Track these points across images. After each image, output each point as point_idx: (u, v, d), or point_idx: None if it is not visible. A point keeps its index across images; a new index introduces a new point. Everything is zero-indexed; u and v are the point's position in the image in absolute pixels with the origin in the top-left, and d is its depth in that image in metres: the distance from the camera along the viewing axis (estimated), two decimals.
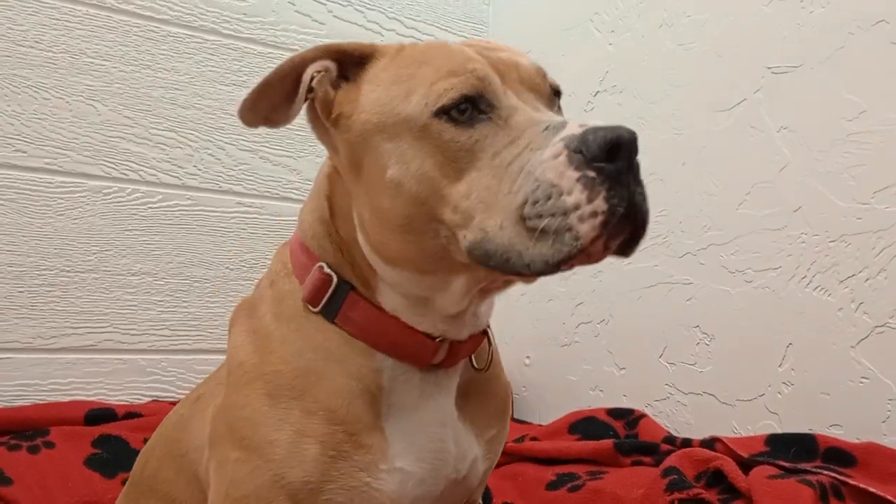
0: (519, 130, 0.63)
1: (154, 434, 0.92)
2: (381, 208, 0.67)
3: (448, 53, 0.68)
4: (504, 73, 0.68)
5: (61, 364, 1.45)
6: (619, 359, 1.58)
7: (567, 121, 0.63)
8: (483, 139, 0.64)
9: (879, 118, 1.20)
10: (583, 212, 0.58)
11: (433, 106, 0.64)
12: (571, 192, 0.58)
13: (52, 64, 1.47)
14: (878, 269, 1.19)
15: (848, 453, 1.09)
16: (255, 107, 0.72)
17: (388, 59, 0.71)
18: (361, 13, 1.81)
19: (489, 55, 0.69)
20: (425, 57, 0.68)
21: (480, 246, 0.62)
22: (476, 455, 0.76)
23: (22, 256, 1.43)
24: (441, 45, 0.70)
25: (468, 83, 0.64)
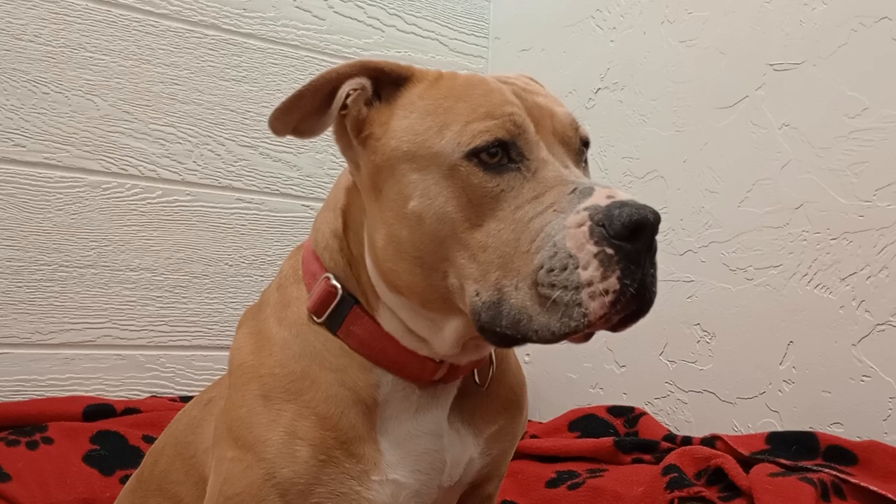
0: (546, 187, 0.63)
1: (164, 434, 0.93)
2: (398, 236, 0.66)
3: (487, 91, 0.67)
4: (538, 121, 0.67)
5: (60, 359, 1.44)
6: (619, 356, 1.57)
7: (595, 186, 0.62)
8: (509, 189, 0.63)
9: (881, 115, 1.19)
10: (595, 289, 0.59)
11: (465, 146, 0.63)
12: (588, 266, 0.59)
13: (51, 58, 1.46)
14: (880, 267, 1.19)
15: (849, 451, 1.09)
16: (285, 117, 0.71)
17: (425, 85, 0.70)
18: (362, 9, 1.80)
19: (526, 98, 0.68)
20: (464, 91, 0.67)
21: (494, 307, 0.62)
22: (470, 456, 0.76)
23: (20, 251, 1.42)
24: (481, 81, 0.69)
25: (504, 128, 0.64)
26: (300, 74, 1.71)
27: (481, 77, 0.70)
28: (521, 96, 0.68)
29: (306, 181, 1.71)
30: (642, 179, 1.55)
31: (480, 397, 0.77)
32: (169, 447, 0.87)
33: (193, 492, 0.80)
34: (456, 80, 0.70)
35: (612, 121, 1.64)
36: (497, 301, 0.61)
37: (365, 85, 0.70)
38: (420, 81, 0.71)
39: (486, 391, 0.78)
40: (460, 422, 0.75)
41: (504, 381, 0.80)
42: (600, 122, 1.66)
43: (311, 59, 1.73)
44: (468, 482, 0.78)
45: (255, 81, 1.66)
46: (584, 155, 0.72)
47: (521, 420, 0.82)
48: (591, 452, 1.27)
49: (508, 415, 0.80)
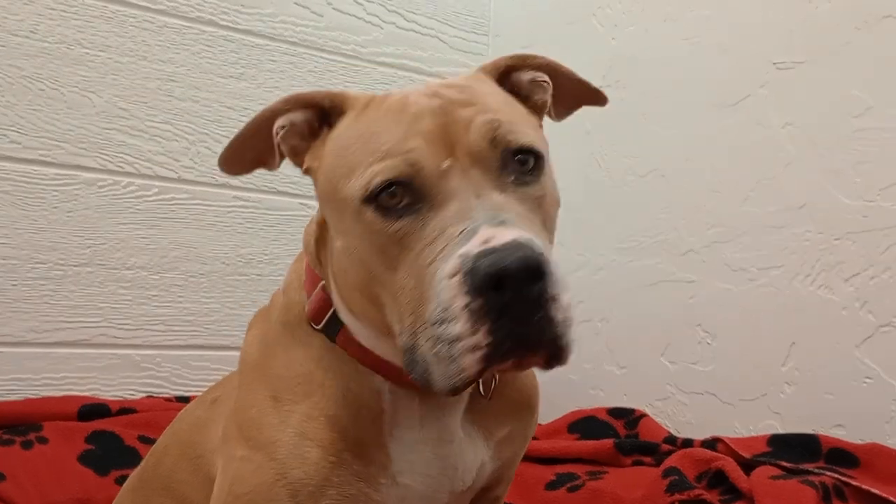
0: (444, 226, 0.59)
1: (165, 433, 0.93)
2: (342, 267, 0.68)
3: (397, 122, 0.64)
4: (455, 141, 0.62)
5: (55, 359, 1.43)
6: (619, 358, 1.57)
7: (481, 226, 0.57)
8: (412, 232, 0.61)
9: (886, 114, 1.19)
10: (465, 344, 0.56)
11: (364, 191, 0.62)
12: (458, 319, 0.56)
13: (46, 54, 1.45)
14: (884, 268, 1.18)
15: (851, 454, 1.09)
16: (233, 159, 0.73)
17: (352, 117, 0.69)
18: (361, 6, 1.79)
19: (449, 114, 0.63)
20: (379, 124, 0.65)
21: (410, 351, 0.60)
22: (483, 460, 0.75)
23: (15, 249, 1.41)
24: (400, 108, 0.65)
25: (397, 168, 0.61)
26: (298, 71, 1.70)
27: (406, 101, 0.66)
28: (442, 114, 0.63)
29: (304, 179, 1.70)
30: (644, 178, 1.54)
31: (491, 401, 0.76)
32: (173, 447, 0.87)
33: (200, 491, 0.80)
34: (380, 108, 0.67)
35: (613, 119, 1.63)
36: (412, 346, 0.60)
37: (295, 120, 0.71)
38: (352, 109, 0.70)
39: (497, 395, 0.77)
40: (471, 425, 0.75)
41: (514, 384, 0.79)
42: (602, 121, 1.65)
43: (309, 56, 1.72)
44: (480, 486, 0.78)
45: (253, 78, 1.65)
46: (522, 165, 0.64)
47: (531, 423, 0.82)
48: (591, 454, 1.26)
49: (519, 417, 0.79)
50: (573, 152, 1.70)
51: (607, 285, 1.60)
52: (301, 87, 1.70)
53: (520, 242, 0.55)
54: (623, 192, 1.58)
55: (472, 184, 0.61)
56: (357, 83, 1.77)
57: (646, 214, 1.53)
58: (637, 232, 1.54)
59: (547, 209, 0.66)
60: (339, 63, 1.76)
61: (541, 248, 0.56)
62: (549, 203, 0.66)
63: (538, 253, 0.55)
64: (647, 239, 1.52)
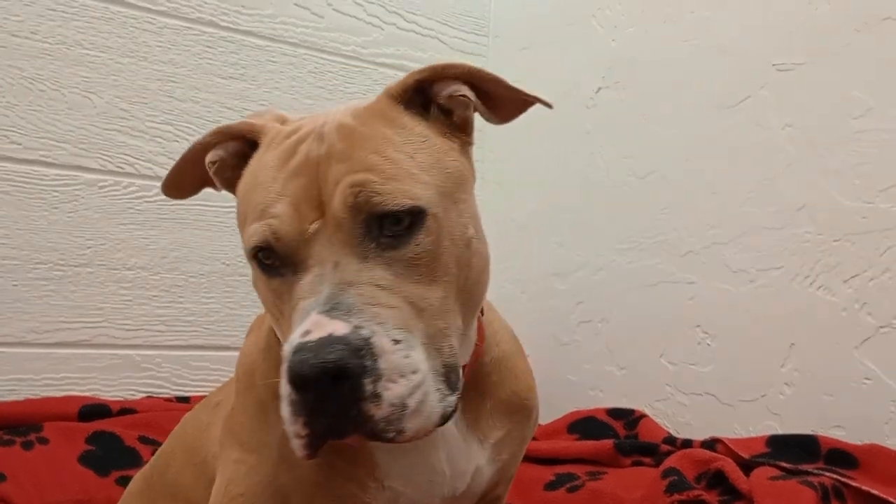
0: (299, 297, 0.60)
1: (171, 437, 0.93)
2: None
3: (273, 178, 0.63)
4: (326, 203, 0.61)
5: (55, 359, 1.43)
6: (619, 358, 1.57)
7: (310, 313, 0.57)
8: (283, 293, 0.63)
9: (885, 116, 1.19)
10: (290, 429, 0.58)
11: (246, 248, 0.64)
12: (285, 405, 0.58)
13: (47, 55, 1.45)
14: (883, 269, 1.18)
15: (850, 455, 1.09)
16: (177, 185, 0.76)
17: (259, 154, 0.69)
18: (361, 6, 1.79)
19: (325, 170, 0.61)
20: (263, 174, 0.65)
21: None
22: (479, 464, 0.75)
23: (16, 250, 1.41)
24: (288, 153, 0.64)
25: (263, 235, 0.61)
26: (298, 72, 1.70)
27: (294, 148, 0.64)
28: (316, 170, 0.62)
29: None
30: (644, 179, 1.54)
31: (484, 404, 0.76)
32: (179, 452, 0.88)
33: (204, 495, 0.80)
34: (273, 151, 0.66)
35: (613, 120, 1.63)
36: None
37: (224, 155, 0.72)
38: (261, 145, 0.69)
39: (489, 398, 0.77)
40: (465, 429, 0.75)
41: (508, 386, 0.79)
42: (601, 122, 1.65)
43: (309, 57, 1.72)
44: (480, 491, 0.78)
45: (253, 79, 1.65)
46: (395, 225, 0.61)
47: (529, 424, 0.82)
48: (591, 455, 1.27)
49: (515, 419, 0.79)
50: (573, 152, 1.70)
51: (607, 286, 1.60)
52: (301, 87, 1.71)
53: (331, 340, 0.55)
54: (623, 192, 1.58)
55: (335, 250, 0.60)
56: (357, 84, 1.78)
57: (645, 215, 1.53)
58: (637, 232, 1.55)
59: (431, 264, 0.62)
60: (340, 64, 1.76)
61: (360, 343, 0.55)
62: (437, 256, 0.62)
63: (349, 352, 0.55)
64: (646, 240, 1.53)
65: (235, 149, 0.72)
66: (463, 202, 0.66)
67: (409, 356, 0.58)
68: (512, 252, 1.82)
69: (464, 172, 0.68)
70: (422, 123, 0.67)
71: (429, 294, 0.61)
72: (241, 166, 0.70)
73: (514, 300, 1.79)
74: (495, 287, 2.08)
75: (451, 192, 0.65)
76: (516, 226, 1.81)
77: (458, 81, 0.68)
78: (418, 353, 0.59)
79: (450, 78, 0.68)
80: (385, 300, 0.59)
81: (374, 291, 0.59)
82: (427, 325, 0.61)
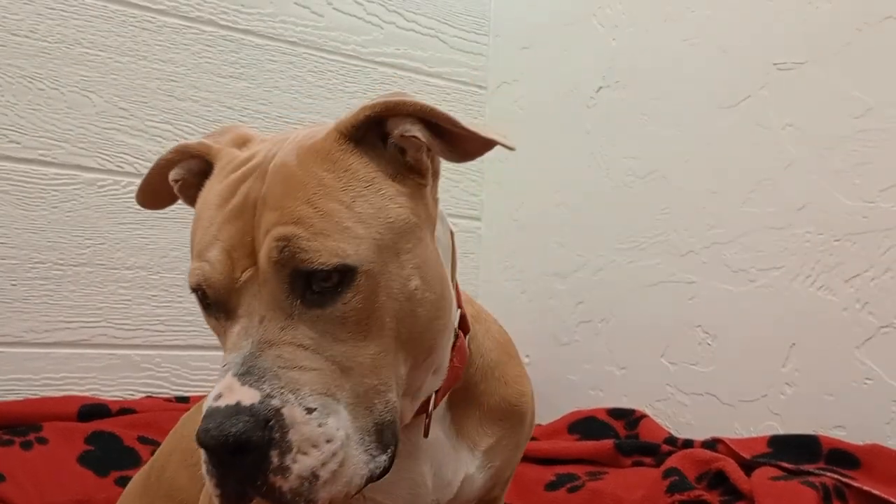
0: (227, 346, 0.59)
1: (170, 438, 0.93)
2: None
3: (211, 219, 0.62)
4: (258, 251, 0.59)
5: (54, 359, 1.43)
6: (619, 358, 1.56)
7: (225, 375, 0.56)
8: (219, 333, 0.62)
9: (886, 115, 1.19)
10: (207, 485, 0.58)
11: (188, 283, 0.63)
12: (202, 460, 0.57)
13: (46, 54, 1.45)
14: (884, 269, 1.18)
15: (851, 455, 1.09)
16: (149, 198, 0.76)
17: (210, 180, 0.67)
18: (361, 5, 1.79)
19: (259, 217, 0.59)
20: (206, 210, 0.63)
21: None
22: (468, 473, 0.75)
23: (15, 249, 1.41)
24: (229, 190, 0.63)
25: (196, 278, 0.61)
26: (298, 71, 1.70)
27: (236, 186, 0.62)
28: (251, 216, 0.60)
29: None
30: (644, 179, 1.54)
31: (473, 413, 0.76)
32: (176, 453, 0.88)
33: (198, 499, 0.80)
34: (220, 183, 0.64)
35: (613, 120, 1.63)
36: None
37: (185, 175, 0.71)
38: (214, 169, 0.68)
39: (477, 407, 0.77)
40: (456, 438, 0.75)
41: (496, 393, 0.78)
42: (602, 121, 1.65)
43: (309, 56, 1.72)
44: (473, 497, 0.78)
45: (253, 78, 1.65)
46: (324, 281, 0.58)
47: (522, 429, 0.81)
48: (591, 455, 1.26)
49: (507, 425, 0.79)
50: (573, 152, 1.70)
51: (607, 286, 1.60)
52: (301, 86, 1.70)
53: (238, 410, 0.54)
54: (623, 192, 1.58)
55: (262, 303, 0.58)
56: (357, 83, 1.77)
57: (646, 215, 1.53)
58: (637, 232, 1.54)
59: (362, 322, 0.59)
60: (339, 63, 1.75)
61: (269, 414, 0.54)
62: (370, 313, 0.59)
63: (254, 424, 0.54)
64: (646, 239, 1.52)
65: (197, 167, 0.71)
66: (407, 252, 0.62)
67: (325, 424, 0.56)
68: (512, 252, 1.82)
69: (410, 220, 0.63)
70: (370, 164, 0.63)
71: (359, 352, 0.59)
72: (203, 184, 0.69)
73: (514, 300, 1.79)
74: (495, 287, 2.08)
75: (393, 244, 0.61)
76: (516, 226, 1.81)
77: (411, 119, 0.63)
78: (337, 418, 0.57)
79: (403, 115, 0.63)
80: (306, 362, 0.57)
81: (294, 353, 0.57)
82: (355, 384, 0.58)
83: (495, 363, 0.79)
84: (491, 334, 0.81)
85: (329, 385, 0.57)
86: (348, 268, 0.58)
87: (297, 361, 0.57)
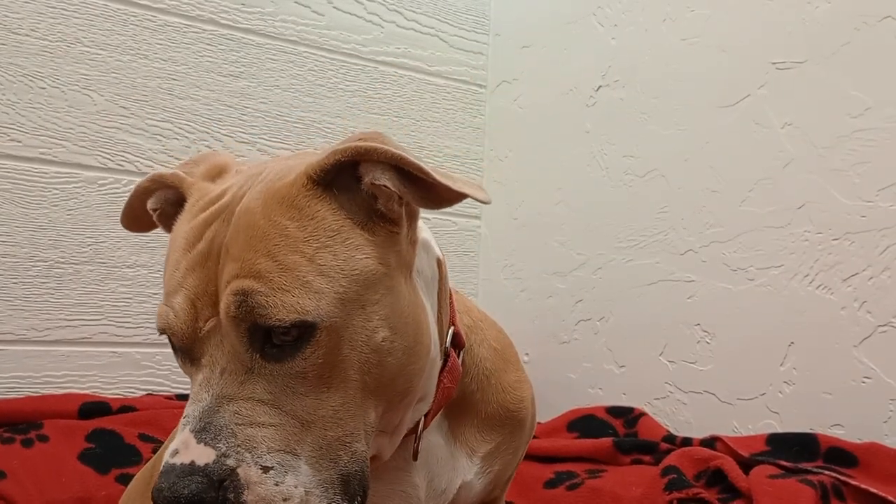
0: (190, 396, 0.59)
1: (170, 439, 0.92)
2: None
3: (176, 264, 0.61)
4: (220, 302, 0.59)
5: (55, 356, 1.43)
6: (618, 356, 1.57)
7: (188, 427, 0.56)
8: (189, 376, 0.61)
9: (884, 115, 1.19)
10: None
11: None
12: None
13: (47, 53, 1.45)
14: (882, 268, 1.18)
15: (849, 453, 1.09)
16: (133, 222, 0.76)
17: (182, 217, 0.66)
18: (361, 4, 1.79)
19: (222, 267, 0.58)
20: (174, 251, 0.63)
21: None
22: (465, 479, 0.75)
23: (16, 248, 1.41)
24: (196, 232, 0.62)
25: (161, 322, 0.60)
26: (299, 70, 1.70)
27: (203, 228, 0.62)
28: (214, 265, 0.59)
29: None
30: (643, 178, 1.55)
31: (471, 421, 0.77)
32: None
33: None
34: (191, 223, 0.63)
35: (612, 119, 1.63)
36: None
37: (163, 205, 0.71)
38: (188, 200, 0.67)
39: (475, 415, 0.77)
40: (454, 445, 0.75)
41: (495, 400, 0.79)
42: (601, 120, 1.65)
43: (309, 55, 1.72)
44: (473, 500, 0.78)
45: (254, 77, 1.65)
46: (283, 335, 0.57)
47: (522, 434, 0.82)
48: (590, 453, 1.26)
49: (507, 430, 0.79)
50: (573, 150, 1.70)
51: (606, 284, 1.60)
52: (301, 85, 1.71)
53: (192, 470, 0.54)
54: (622, 191, 1.59)
55: (223, 355, 0.58)
56: (357, 82, 1.77)
57: (645, 214, 1.53)
58: (636, 231, 1.55)
59: (324, 375, 0.58)
60: (340, 62, 1.76)
61: (223, 475, 0.54)
62: (332, 366, 0.58)
63: (207, 485, 0.53)
64: (646, 238, 1.53)
65: (174, 197, 0.70)
66: (374, 304, 0.60)
67: (282, 483, 0.55)
68: (512, 251, 1.82)
69: (378, 271, 0.61)
70: (338, 212, 0.61)
71: (321, 405, 0.58)
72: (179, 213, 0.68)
73: (513, 298, 1.80)
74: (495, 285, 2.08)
75: (357, 297, 0.59)
76: (516, 225, 1.81)
77: (382, 166, 0.61)
78: (296, 475, 0.56)
79: (374, 161, 0.61)
80: (264, 418, 0.56)
81: (252, 408, 0.56)
82: (317, 437, 0.57)
83: (491, 371, 0.79)
84: (487, 342, 0.80)
85: (288, 440, 0.56)
86: (307, 324, 0.57)
87: (255, 417, 0.56)
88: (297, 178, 0.61)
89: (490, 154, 1.87)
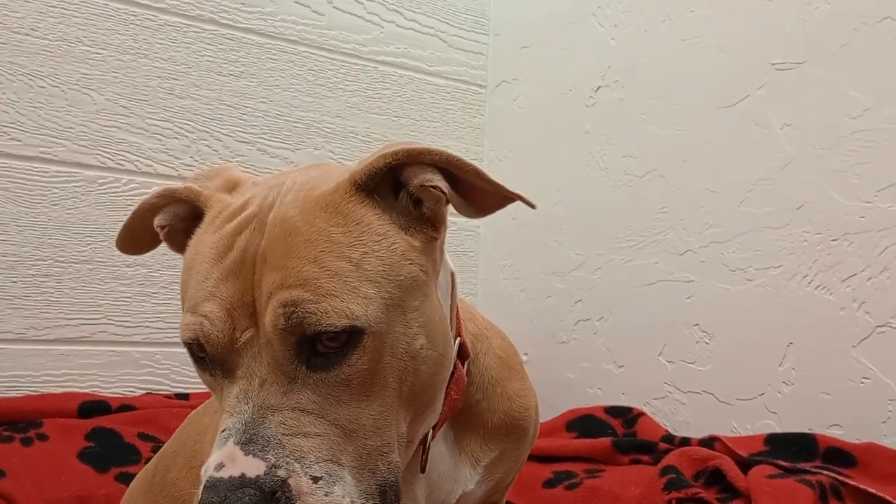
0: (224, 408, 0.57)
1: (174, 437, 0.92)
2: None
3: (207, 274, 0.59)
4: (259, 312, 0.57)
5: (55, 355, 1.43)
6: (617, 357, 1.57)
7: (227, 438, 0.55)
8: (214, 388, 0.60)
9: (883, 116, 1.19)
10: None
11: (181, 337, 0.60)
12: None
13: (47, 52, 1.45)
14: (881, 269, 1.18)
15: (848, 453, 1.09)
16: (130, 243, 0.73)
17: (201, 228, 0.64)
18: (361, 4, 1.79)
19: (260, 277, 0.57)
20: (200, 261, 0.60)
21: None
22: (466, 489, 0.75)
23: (16, 246, 1.41)
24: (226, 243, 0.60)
25: (193, 332, 0.58)
26: (298, 70, 1.70)
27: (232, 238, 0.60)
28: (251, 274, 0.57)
29: None
30: (642, 178, 1.55)
31: (476, 430, 0.76)
32: (181, 454, 0.87)
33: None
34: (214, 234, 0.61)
35: (612, 119, 1.63)
36: None
37: (172, 221, 0.68)
38: (207, 214, 0.65)
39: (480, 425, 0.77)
40: (459, 455, 0.75)
41: (499, 409, 0.78)
42: (601, 121, 1.66)
43: (309, 55, 1.72)
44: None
45: (253, 77, 1.65)
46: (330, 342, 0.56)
47: (524, 444, 0.81)
48: (589, 453, 1.27)
49: (511, 439, 0.79)
50: (572, 151, 1.70)
51: (605, 284, 1.60)
52: (301, 85, 1.71)
53: (243, 483, 0.53)
54: (621, 191, 1.59)
55: (263, 366, 0.56)
56: (357, 82, 1.78)
57: (644, 214, 1.53)
58: (635, 231, 1.55)
59: (366, 382, 0.58)
60: (339, 62, 1.76)
61: (274, 486, 0.53)
62: (374, 373, 0.58)
63: (260, 498, 0.52)
64: (645, 238, 1.53)
65: (185, 212, 0.68)
66: (414, 310, 0.60)
67: (331, 493, 0.54)
68: (511, 251, 1.82)
69: (419, 277, 0.61)
70: (383, 217, 0.60)
71: (362, 413, 0.58)
72: (192, 230, 0.66)
73: (512, 298, 1.80)
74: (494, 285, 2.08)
75: (400, 302, 0.59)
76: (516, 224, 1.81)
77: (432, 169, 0.61)
78: (343, 485, 0.56)
79: (424, 164, 0.61)
80: (310, 428, 0.55)
81: (298, 418, 0.55)
82: (358, 447, 0.57)
83: (496, 380, 0.79)
84: (493, 351, 0.80)
85: (334, 450, 0.56)
86: (356, 329, 0.56)
87: (301, 427, 0.55)
88: (341, 185, 0.60)
89: (489, 154, 1.87)
